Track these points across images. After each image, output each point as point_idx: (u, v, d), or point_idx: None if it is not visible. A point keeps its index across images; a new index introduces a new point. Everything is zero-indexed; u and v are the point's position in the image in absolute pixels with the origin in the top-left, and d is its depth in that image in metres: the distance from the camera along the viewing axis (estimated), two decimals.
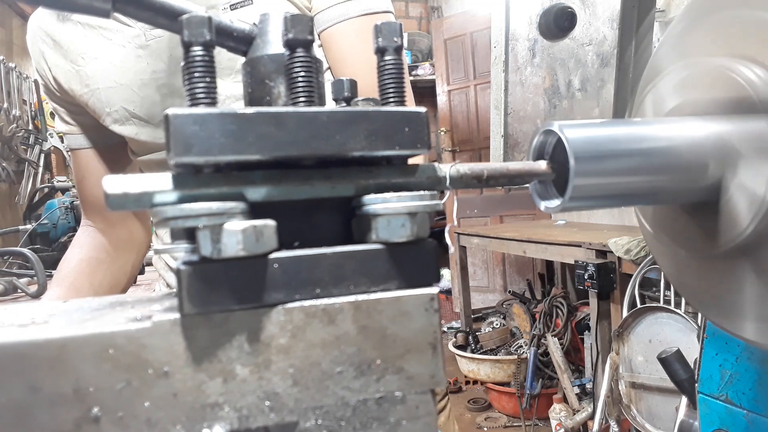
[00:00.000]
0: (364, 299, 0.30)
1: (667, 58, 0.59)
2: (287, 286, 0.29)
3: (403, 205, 0.31)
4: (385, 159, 0.33)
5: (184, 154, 0.28)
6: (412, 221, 0.31)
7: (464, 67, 5.49)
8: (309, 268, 0.30)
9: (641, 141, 0.46)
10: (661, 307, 2.76)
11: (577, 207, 0.43)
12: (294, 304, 0.29)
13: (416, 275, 0.31)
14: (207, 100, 0.30)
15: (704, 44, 0.55)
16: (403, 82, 0.33)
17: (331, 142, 0.30)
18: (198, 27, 0.29)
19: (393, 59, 0.33)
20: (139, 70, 0.96)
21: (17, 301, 1.93)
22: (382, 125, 0.31)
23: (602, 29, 2.90)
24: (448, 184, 0.33)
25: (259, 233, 0.28)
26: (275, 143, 0.29)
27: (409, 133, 0.32)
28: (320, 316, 0.30)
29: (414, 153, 0.32)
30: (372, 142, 0.31)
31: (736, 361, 0.81)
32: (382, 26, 0.33)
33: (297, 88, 0.31)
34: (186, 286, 0.28)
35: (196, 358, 0.28)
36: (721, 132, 0.47)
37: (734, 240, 0.48)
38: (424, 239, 0.32)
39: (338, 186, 0.32)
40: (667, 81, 0.56)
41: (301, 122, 0.30)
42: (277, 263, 0.29)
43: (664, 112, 0.56)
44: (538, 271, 4.81)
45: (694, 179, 0.47)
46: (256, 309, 0.29)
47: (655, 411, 2.78)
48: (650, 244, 0.64)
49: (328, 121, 0.30)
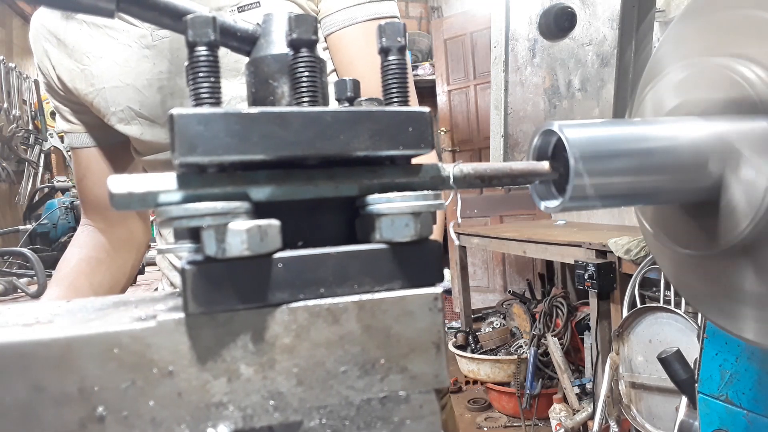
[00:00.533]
0: (368, 299, 0.30)
1: (667, 58, 0.59)
2: (291, 285, 0.29)
3: (407, 204, 0.31)
4: (388, 159, 0.33)
5: (189, 153, 0.28)
6: (415, 221, 0.31)
7: (464, 67, 5.49)
8: (313, 268, 0.30)
9: (641, 141, 0.46)
10: (661, 307, 2.76)
11: (577, 207, 0.43)
12: (298, 304, 0.29)
13: (420, 275, 0.31)
14: (211, 100, 0.30)
15: (704, 44, 0.55)
16: (406, 82, 0.33)
17: (335, 141, 0.30)
18: (202, 27, 0.29)
19: (396, 59, 0.33)
20: (145, 70, 0.96)
21: (17, 301, 1.93)
22: (386, 125, 0.31)
23: (602, 29, 2.90)
24: (451, 183, 0.33)
25: (263, 233, 0.28)
26: (279, 143, 0.29)
27: (412, 133, 0.32)
28: (324, 316, 0.30)
29: (418, 153, 0.32)
30: (376, 142, 0.31)
31: (736, 361, 0.81)
32: (386, 26, 0.33)
33: (301, 88, 0.31)
34: (191, 286, 0.28)
35: (200, 357, 0.28)
36: (721, 132, 0.47)
37: (734, 240, 0.48)
38: (427, 239, 0.32)
39: (342, 186, 0.32)
40: (667, 81, 0.56)
41: (305, 122, 0.30)
42: (281, 263, 0.29)
43: (664, 112, 0.56)
44: (538, 271, 4.81)
45: (694, 179, 0.47)
46: (261, 309, 0.29)
47: (655, 411, 2.78)
48: (650, 244, 0.64)
49: (332, 121, 0.30)
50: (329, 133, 0.30)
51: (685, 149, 0.46)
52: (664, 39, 0.61)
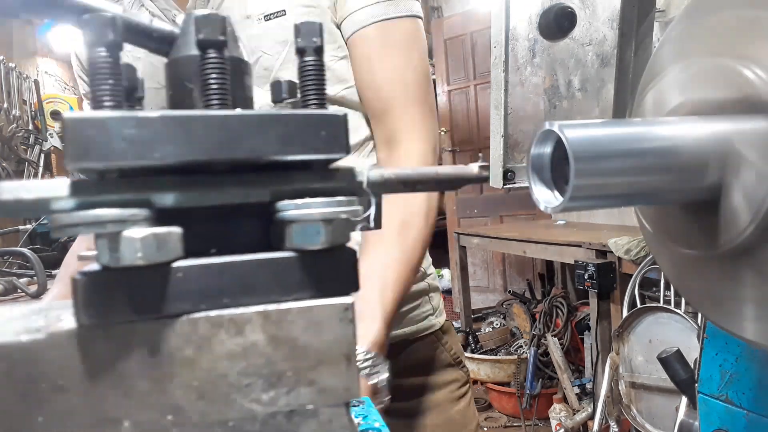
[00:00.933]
0: (274, 309, 0.29)
1: (667, 58, 0.59)
2: (193, 295, 0.28)
3: (318, 211, 0.30)
4: (303, 163, 0.32)
5: (81, 159, 0.27)
6: (327, 228, 0.30)
7: (464, 67, 5.47)
8: (216, 277, 0.29)
9: (641, 141, 0.45)
10: (661, 307, 2.75)
11: (577, 207, 0.43)
12: (199, 315, 0.28)
13: (331, 284, 0.30)
14: (111, 103, 0.29)
15: (704, 44, 0.54)
16: (323, 83, 0.32)
17: (242, 146, 0.29)
18: (101, 27, 0.28)
19: (313, 60, 0.32)
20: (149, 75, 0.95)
21: (17, 301, 1.93)
22: (297, 129, 0.30)
23: (602, 29, 2.87)
24: (365, 187, 0.32)
25: (161, 241, 0.27)
26: (181, 148, 0.28)
27: (325, 137, 0.30)
28: (227, 327, 0.29)
29: (331, 157, 0.31)
30: (286, 146, 0.30)
31: (736, 361, 0.81)
32: (300, 26, 0.32)
33: (209, 91, 0.30)
34: (81, 297, 0.27)
35: (93, 371, 0.27)
36: (721, 132, 0.47)
37: (734, 240, 0.47)
38: (342, 247, 0.31)
39: (252, 192, 0.30)
40: (667, 81, 0.55)
41: (209, 126, 0.29)
42: (181, 272, 0.28)
43: (664, 112, 0.55)
44: (538, 271, 4.80)
45: (694, 179, 0.47)
46: (159, 320, 0.28)
47: (655, 411, 2.77)
48: (650, 244, 0.63)
49: (238, 125, 0.29)
50: (235, 137, 0.29)
51: (685, 149, 0.46)
52: (664, 39, 0.61)
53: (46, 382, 0.27)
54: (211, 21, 0.30)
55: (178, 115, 0.28)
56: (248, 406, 0.29)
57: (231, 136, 0.29)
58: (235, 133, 0.29)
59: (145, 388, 0.28)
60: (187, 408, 0.28)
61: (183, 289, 0.28)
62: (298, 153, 0.30)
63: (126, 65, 0.33)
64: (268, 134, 0.30)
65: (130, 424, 0.27)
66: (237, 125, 0.29)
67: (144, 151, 0.28)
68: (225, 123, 0.29)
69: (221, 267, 0.29)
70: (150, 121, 0.28)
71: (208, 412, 0.28)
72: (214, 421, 0.28)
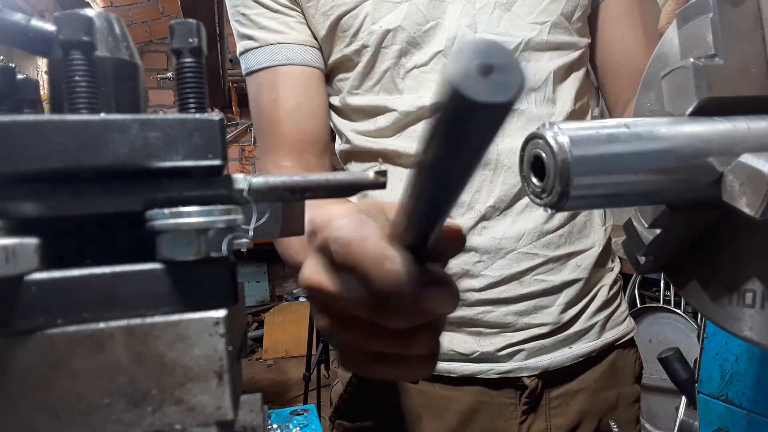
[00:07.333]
0: (138, 323, 0.28)
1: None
2: (48, 310, 0.27)
3: (189, 221, 0.28)
4: (179, 171, 0.30)
5: None
6: (199, 238, 0.28)
7: None
8: (76, 291, 0.27)
9: (641, 141, 0.44)
10: (661, 307, 2.74)
11: (577, 207, 0.43)
12: (55, 330, 0.27)
13: (203, 297, 0.29)
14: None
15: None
16: (203, 86, 0.31)
17: (104, 152, 0.28)
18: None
19: (190, 62, 0.30)
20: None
21: None
22: (167, 134, 0.28)
23: None
24: (246, 195, 0.30)
25: (10, 253, 0.26)
26: (36, 155, 0.27)
27: (198, 143, 0.29)
28: (86, 343, 0.27)
29: (204, 164, 0.29)
30: (156, 153, 0.28)
31: (736, 361, 0.81)
32: (175, 26, 0.30)
33: (72, 94, 0.29)
34: None
35: None
36: (722, 131, 0.46)
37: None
38: (218, 258, 0.29)
39: (121, 201, 0.29)
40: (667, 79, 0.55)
41: (68, 131, 0.27)
42: (34, 285, 0.27)
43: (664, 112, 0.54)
44: None
45: (694, 179, 0.46)
46: (10, 336, 0.26)
47: (655, 411, 2.75)
48: None
49: (101, 131, 0.28)
50: (98, 143, 0.28)
51: (685, 149, 0.45)
52: (664, 38, 0.60)
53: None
54: (73, 21, 0.28)
55: (30, 120, 0.27)
56: (110, 428, 0.27)
57: (93, 142, 0.28)
58: (97, 139, 0.28)
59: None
60: (41, 429, 0.27)
61: (37, 303, 0.27)
62: (169, 159, 0.29)
63: (3, 68, 0.32)
64: (136, 140, 0.28)
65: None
66: (100, 130, 0.28)
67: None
68: (86, 128, 0.28)
69: (81, 280, 0.27)
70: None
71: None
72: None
